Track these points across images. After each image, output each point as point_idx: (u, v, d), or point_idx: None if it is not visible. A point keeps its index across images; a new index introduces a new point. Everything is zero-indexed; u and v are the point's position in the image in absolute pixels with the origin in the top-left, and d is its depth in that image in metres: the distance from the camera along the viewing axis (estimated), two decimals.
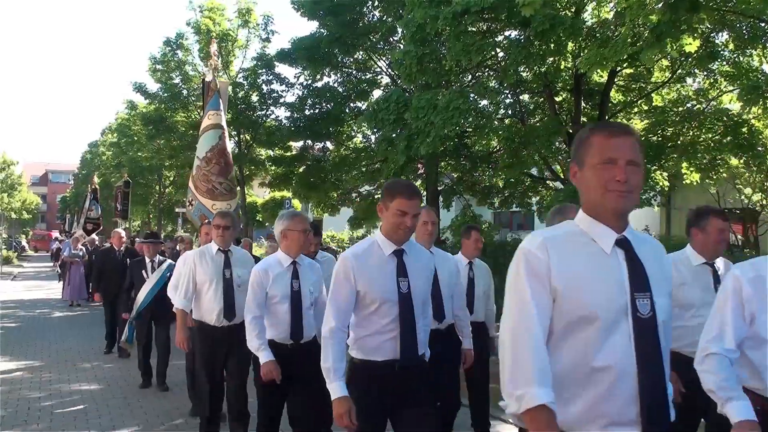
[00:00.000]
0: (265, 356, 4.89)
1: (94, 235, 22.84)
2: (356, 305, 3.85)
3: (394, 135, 16.47)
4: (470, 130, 16.66)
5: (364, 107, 22.62)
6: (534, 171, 18.72)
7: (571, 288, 2.29)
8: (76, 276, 20.31)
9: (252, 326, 4.98)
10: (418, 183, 21.42)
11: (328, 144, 24.93)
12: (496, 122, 17.07)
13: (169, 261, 9.49)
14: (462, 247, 6.93)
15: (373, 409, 3.78)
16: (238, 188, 11.67)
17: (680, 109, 16.90)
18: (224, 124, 11.14)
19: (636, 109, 17.89)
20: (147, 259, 9.52)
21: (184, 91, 28.38)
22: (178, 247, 13.52)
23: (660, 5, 9.50)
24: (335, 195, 23.81)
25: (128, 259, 11.15)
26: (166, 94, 28.51)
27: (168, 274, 8.56)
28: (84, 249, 20.58)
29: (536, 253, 2.33)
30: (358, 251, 3.94)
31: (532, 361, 2.23)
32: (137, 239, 20.28)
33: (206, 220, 8.84)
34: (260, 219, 34.72)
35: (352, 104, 23.65)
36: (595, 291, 2.29)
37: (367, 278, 3.82)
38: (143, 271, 9.37)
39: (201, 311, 6.23)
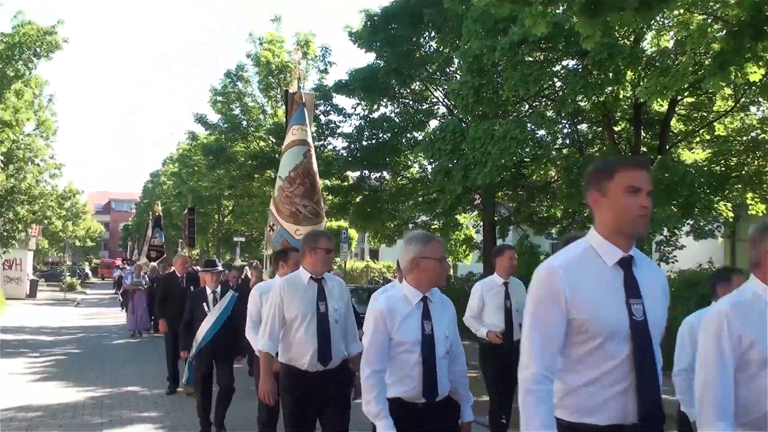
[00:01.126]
0: (385, 427, 3.70)
1: (154, 263, 23.18)
2: (565, 341, 2.67)
3: (450, 165, 16.45)
4: (527, 160, 16.56)
5: (420, 137, 22.66)
6: None
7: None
8: (140, 305, 19.74)
9: (371, 384, 3.79)
10: (474, 214, 21.35)
11: (385, 174, 25.00)
12: (553, 152, 16.95)
13: (232, 292, 8.40)
14: (496, 267, 7.06)
15: None
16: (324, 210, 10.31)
17: (744, 138, 16.53)
18: (310, 140, 9.81)
19: (698, 139, 17.56)
20: (208, 290, 8.38)
21: (244, 122, 28.83)
22: (248, 274, 12.81)
23: (723, 33, 9.35)
24: (392, 225, 23.81)
25: (191, 287, 10.71)
26: (226, 125, 29.00)
27: (232, 307, 7.98)
28: (146, 277, 20.36)
29: None
30: (567, 260, 2.71)
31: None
32: (197, 268, 19.86)
33: (291, 248, 7.83)
34: None
35: (408, 134, 23.71)
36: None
37: (587, 300, 2.61)
38: (204, 304, 8.24)
39: (290, 353, 5.15)
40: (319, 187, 9.68)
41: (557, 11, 11.01)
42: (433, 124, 22.67)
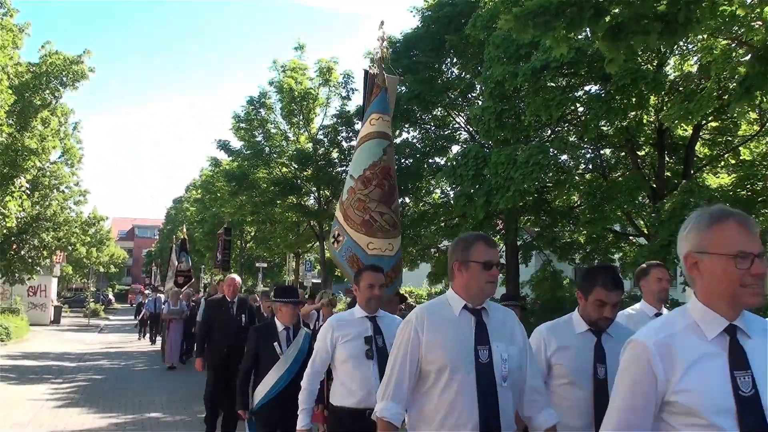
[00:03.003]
0: None
1: (188, 288, 23.14)
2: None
3: (472, 190, 16.41)
4: (550, 185, 16.49)
5: (442, 163, 22.68)
6: (617, 226, 18.33)
7: None
8: (177, 335, 18.05)
9: None
10: (496, 239, 21.28)
11: (407, 199, 25.02)
12: (576, 177, 16.87)
13: (306, 330, 6.70)
14: (643, 292, 5.35)
15: None
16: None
17: None
18: (390, 133, 7.89)
19: (723, 163, 17.41)
20: (279, 326, 6.44)
21: (266, 149, 28.99)
22: (319, 304, 10.17)
23: (747, 57, 9.28)
24: (414, 250, 23.77)
25: (243, 315, 9.42)
26: (248, 152, 29.18)
27: (308, 347, 6.09)
28: (183, 304, 19.10)
29: None
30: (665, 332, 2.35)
31: None
32: (253, 294, 18.03)
33: (360, 264, 6.61)
34: (338, 274, 34.92)
35: (430, 160, 23.74)
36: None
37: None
38: (276, 344, 6.31)
39: (427, 425, 3.78)
40: (397, 191, 7.68)
41: (580, 36, 11.02)
42: (455, 149, 22.71)
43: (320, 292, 11.80)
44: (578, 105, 15.83)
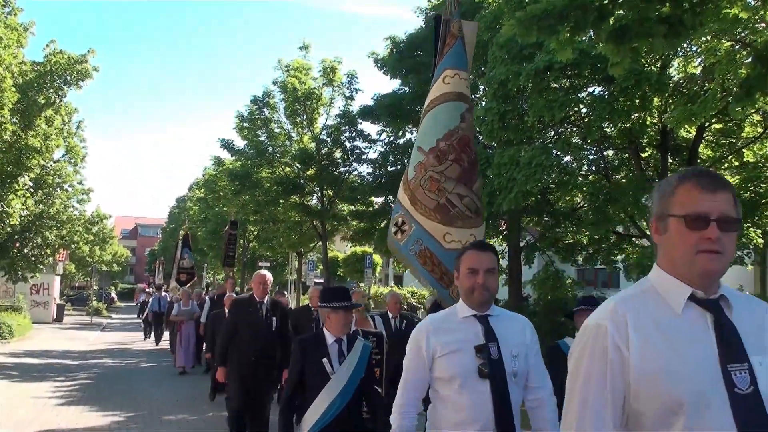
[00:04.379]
0: None
1: (198, 287, 23.05)
2: None
3: None
4: (553, 186, 16.48)
5: None
6: (619, 228, 18.32)
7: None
8: (190, 337, 16.99)
9: None
10: (499, 239, 21.29)
11: None
12: (579, 178, 16.84)
13: (363, 341, 5.26)
14: None
15: None
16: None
17: None
18: (469, 94, 6.26)
19: (726, 165, 17.39)
20: (329, 337, 5.07)
21: (270, 148, 29.02)
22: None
23: (749, 59, 9.28)
24: None
25: (274, 318, 8.01)
26: (252, 151, 29.22)
27: (367, 363, 5.10)
28: (195, 303, 17.97)
29: None
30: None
31: None
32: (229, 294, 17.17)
33: (436, 261, 5.51)
34: (341, 274, 34.99)
35: None
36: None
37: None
38: (325, 360, 4.97)
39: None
40: (478, 167, 6.24)
41: (583, 38, 11.01)
42: None
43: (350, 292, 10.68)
44: (582, 106, 15.81)
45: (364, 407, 5.18)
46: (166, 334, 21.97)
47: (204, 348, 14.75)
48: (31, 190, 25.02)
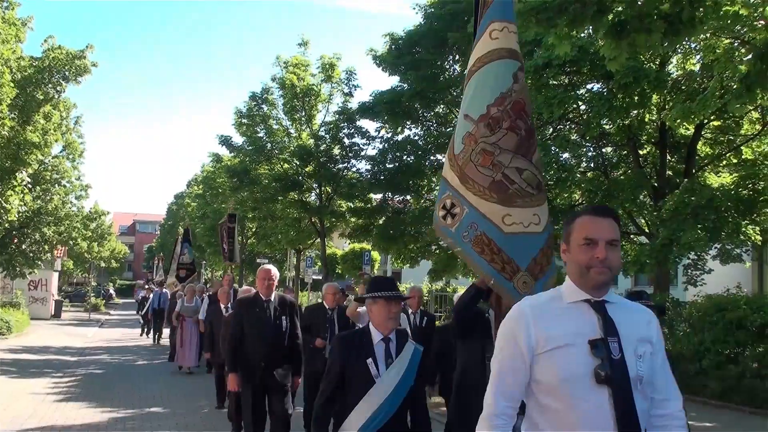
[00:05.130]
0: None
1: (200, 283, 22.79)
2: None
3: None
4: (552, 183, 16.49)
5: (444, 160, 22.67)
6: None
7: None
8: (192, 336, 16.26)
9: None
10: None
11: (408, 197, 25.02)
12: (578, 175, 16.86)
13: (413, 344, 4.43)
14: None
15: None
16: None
17: None
18: (520, 50, 5.14)
19: (724, 162, 17.40)
20: (375, 336, 4.36)
21: (268, 145, 29.00)
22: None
23: (749, 56, 9.28)
24: (414, 247, 23.78)
25: (283, 318, 7.23)
26: (250, 147, 29.20)
27: (418, 366, 4.36)
28: (199, 300, 16.95)
29: None
30: None
31: None
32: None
33: (492, 248, 4.64)
34: (340, 271, 34.98)
35: (432, 157, 23.73)
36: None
37: None
38: (370, 362, 4.28)
39: None
40: (536, 135, 5.25)
41: (582, 34, 11.02)
42: None
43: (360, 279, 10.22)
44: (580, 103, 15.82)
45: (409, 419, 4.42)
46: (165, 331, 21.89)
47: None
48: (30, 185, 25.00)
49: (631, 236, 18.42)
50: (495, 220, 4.62)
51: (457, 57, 21.81)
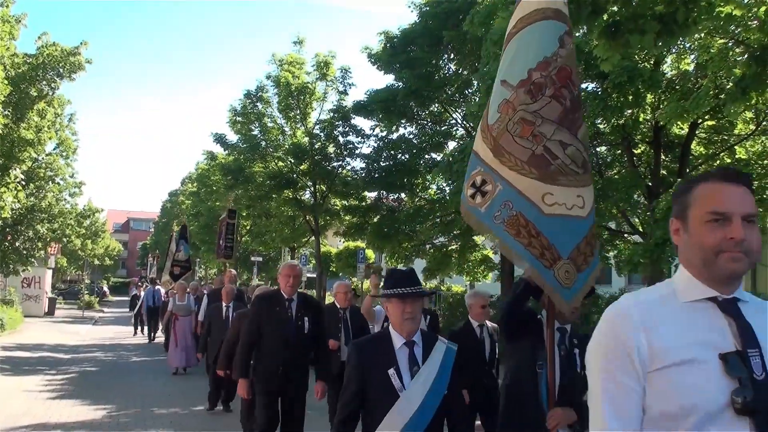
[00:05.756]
0: None
1: (194, 281, 22.70)
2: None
3: None
4: None
5: (439, 159, 22.69)
6: (612, 224, 18.37)
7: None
8: (185, 335, 15.77)
9: None
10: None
11: (403, 195, 25.04)
12: None
13: (444, 343, 3.89)
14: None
15: None
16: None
17: (765, 162, 16.40)
18: (568, 13, 4.50)
19: (718, 162, 17.44)
20: (396, 339, 3.79)
21: (263, 143, 28.97)
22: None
23: (744, 58, 9.31)
24: (409, 246, 23.79)
25: (305, 319, 6.51)
26: (245, 145, 29.16)
27: (449, 372, 3.74)
28: (191, 298, 16.69)
29: None
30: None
31: None
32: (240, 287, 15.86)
33: (530, 231, 4.05)
34: (334, 269, 34.96)
35: (426, 156, 23.76)
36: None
37: None
38: (392, 372, 3.68)
39: None
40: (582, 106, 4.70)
41: (577, 34, 11.02)
42: (452, 145, 22.75)
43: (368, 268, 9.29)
44: None
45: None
46: (161, 331, 21.83)
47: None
48: (23, 183, 24.92)
49: (625, 235, 18.46)
50: (534, 199, 4.01)
51: (452, 56, 21.84)
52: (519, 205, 4.00)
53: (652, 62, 15.01)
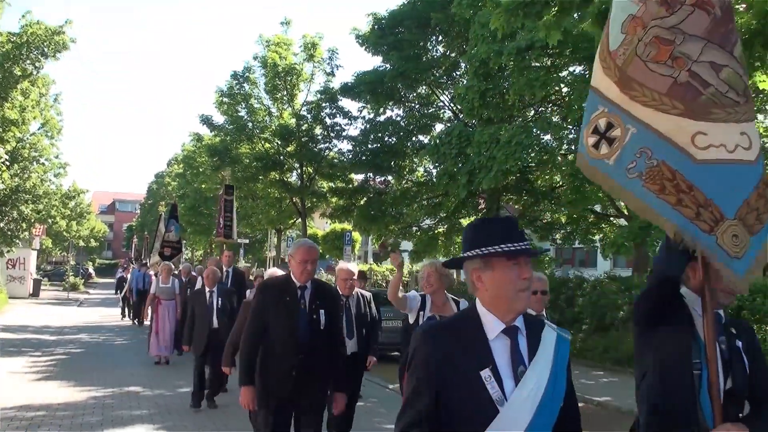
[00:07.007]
0: None
1: (186, 263, 22.51)
2: None
3: (455, 169, 16.43)
4: (533, 165, 16.54)
5: (426, 141, 22.68)
6: (598, 207, 18.45)
7: None
8: (168, 321, 14.57)
9: None
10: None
11: (390, 177, 25.03)
12: (559, 158, 16.92)
13: (554, 328, 2.49)
14: None
15: None
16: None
17: None
18: None
19: None
20: (491, 328, 2.38)
21: (249, 124, 28.85)
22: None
23: None
24: (395, 228, 23.81)
25: (321, 312, 5.21)
26: (231, 127, 29.03)
27: (565, 371, 2.43)
28: (176, 281, 15.36)
29: None
30: None
31: None
32: (253, 271, 14.98)
33: (678, 185, 2.95)
34: (321, 251, 34.99)
35: (414, 138, 23.74)
36: None
37: None
38: (487, 375, 2.29)
39: None
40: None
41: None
42: (439, 128, 22.72)
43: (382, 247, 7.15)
44: (562, 85, 15.84)
45: None
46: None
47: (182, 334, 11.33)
48: (7, 163, 24.71)
49: (611, 218, 18.55)
50: (681, 142, 2.97)
51: (440, 38, 21.77)
52: (661, 152, 2.99)
53: None
